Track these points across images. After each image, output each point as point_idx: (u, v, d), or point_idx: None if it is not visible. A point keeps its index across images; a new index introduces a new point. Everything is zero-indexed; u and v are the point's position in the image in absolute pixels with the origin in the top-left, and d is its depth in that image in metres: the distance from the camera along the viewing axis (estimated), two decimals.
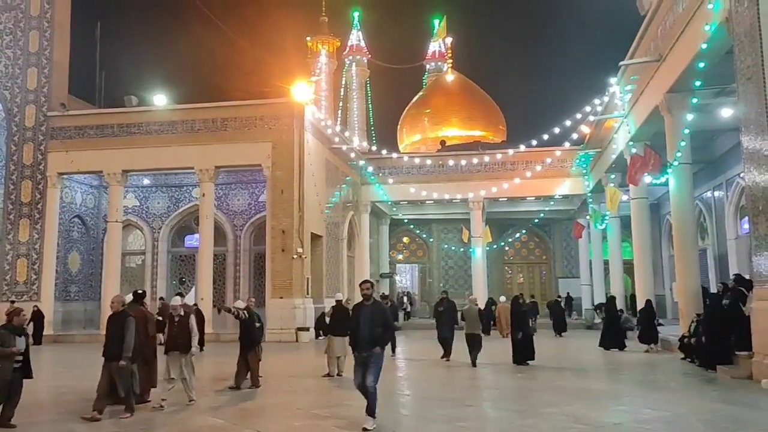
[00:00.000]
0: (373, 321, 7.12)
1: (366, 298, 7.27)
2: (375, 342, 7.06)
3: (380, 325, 7.12)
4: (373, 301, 7.32)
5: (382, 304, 7.53)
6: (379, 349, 7.07)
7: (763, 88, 9.48)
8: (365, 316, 7.16)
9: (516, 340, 13.22)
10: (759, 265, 10.12)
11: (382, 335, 7.12)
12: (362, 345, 7.07)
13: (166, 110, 23.54)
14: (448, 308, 14.71)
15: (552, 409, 8.00)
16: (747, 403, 8.32)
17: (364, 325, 7.09)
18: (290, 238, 21.17)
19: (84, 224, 26.13)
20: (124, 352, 7.99)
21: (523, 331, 13.19)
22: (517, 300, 14.18)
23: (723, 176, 21.14)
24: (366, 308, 7.22)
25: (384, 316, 7.26)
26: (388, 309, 7.34)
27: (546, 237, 35.06)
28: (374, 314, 7.19)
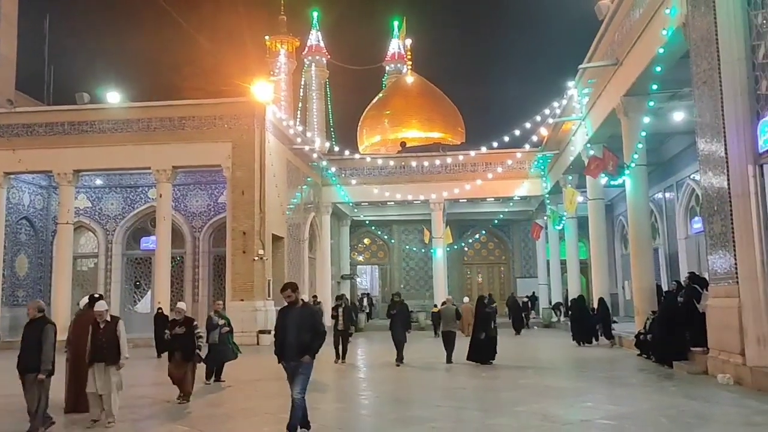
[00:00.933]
0: (301, 326, 6.42)
1: (293, 304, 6.56)
2: (303, 350, 6.35)
3: (308, 331, 6.42)
4: (302, 303, 6.70)
5: (312, 308, 6.88)
6: (308, 358, 6.37)
7: (719, 92, 9.81)
8: (292, 321, 6.45)
9: (478, 340, 13.30)
10: (713, 264, 10.48)
11: (311, 342, 6.40)
12: (289, 354, 6.38)
13: (121, 108, 22.77)
14: (401, 311, 14.36)
15: (520, 408, 8.06)
16: (706, 398, 8.59)
17: (291, 332, 6.42)
18: (251, 239, 20.79)
19: (32, 226, 25.02)
20: (43, 365, 7.13)
21: (486, 331, 13.28)
22: (482, 301, 14.25)
23: (674, 178, 21.89)
24: (292, 312, 6.52)
25: (313, 320, 6.59)
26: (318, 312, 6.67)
27: (505, 237, 35.59)
28: (302, 319, 6.47)
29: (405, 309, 14.82)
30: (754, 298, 9.23)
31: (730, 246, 9.72)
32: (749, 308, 9.30)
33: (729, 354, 9.84)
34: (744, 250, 9.41)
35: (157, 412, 8.89)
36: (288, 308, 6.58)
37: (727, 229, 9.82)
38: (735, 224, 9.60)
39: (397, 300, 14.72)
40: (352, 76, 62.31)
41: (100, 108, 22.88)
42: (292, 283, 6.74)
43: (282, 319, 6.58)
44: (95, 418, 7.70)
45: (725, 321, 9.94)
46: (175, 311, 10.04)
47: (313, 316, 6.65)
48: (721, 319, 10.17)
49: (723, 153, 9.84)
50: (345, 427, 7.41)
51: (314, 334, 6.46)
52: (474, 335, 13.59)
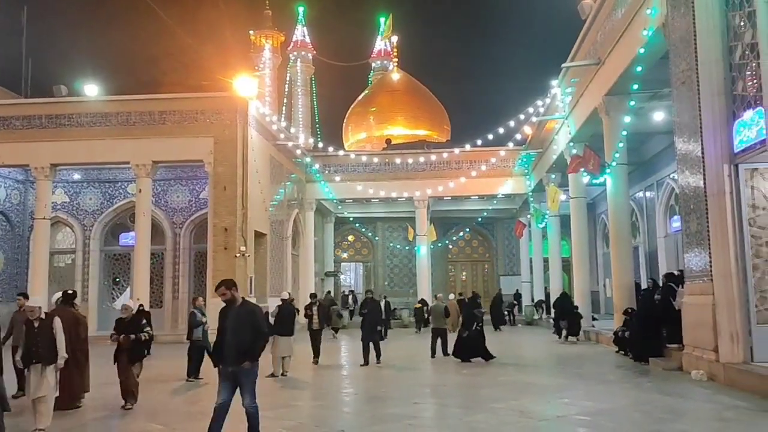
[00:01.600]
0: (240, 327, 5.90)
1: (230, 303, 6.06)
2: (244, 353, 5.82)
3: (249, 332, 5.90)
4: (242, 301, 6.14)
5: (252, 306, 6.28)
6: (249, 363, 5.84)
7: (697, 92, 9.91)
8: (231, 321, 5.97)
9: (462, 337, 13.39)
10: (689, 262, 10.60)
11: (252, 344, 5.88)
12: (228, 357, 5.88)
13: (100, 101, 22.43)
14: (372, 309, 13.45)
15: (498, 404, 8.09)
16: (680, 393, 8.69)
17: (229, 333, 5.93)
18: (233, 236, 20.62)
19: (8, 221, 24.58)
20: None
21: (468, 329, 13.32)
22: (473, 299, 14.14)
23: (654, 177, 22.12)
24: (231, 312, 6.02)
25: (253, 319, 6.02)
26: (260, 310, 6.22)
27: (489, 235, 35.75)
28: (240, 318, 5.95)
29: (377, 307, 14.00)
30: (728, 295, 9.35)
31: (706, 244, 9.84)
32: (723, 305, 9.43)
33: (703, 350, 9.97)
34: (719, 249, 9.53)
35: (132, 410, 8.78)
36: (226, 308, 6.10)
37: (703, 227, 9.94)
38: (710, 223, 9.72)
39: (369, 297, 14.09)
40: (338, 72, 62.17)
41: (78, 101, 22.53)
42: (227, 280, 6.20)
43: (221, 319, 6.09)
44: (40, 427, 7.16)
45: (700, 318, 10.07)
46: (122, 309, 9.38)
47: (252, 315, 6.08)
48: (695, 316, 10.30)
49: (700, 152, 9.95)
50: (322, 424, 7.38)
51: (255, 334, 5.94)
52: (459, 333, 13.67)
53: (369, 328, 13.15)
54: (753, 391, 8.31)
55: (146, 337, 9.09)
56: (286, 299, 12.58)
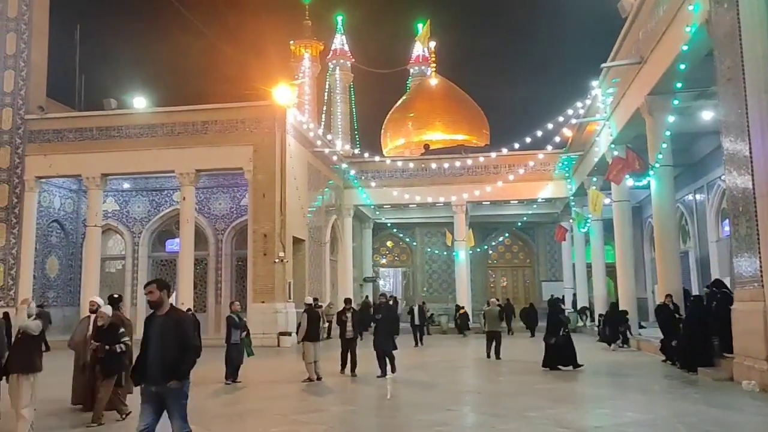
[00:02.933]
0: (164, 339, 4.99)
1: (154, 306, 5.17)
2: (169, 371, 4.91)
3: (174, 346, 4.97)
4: (170, 309, 5.18)
5: (179, 315, 5.24)
6: (176, 383, 4.93)
7: (743, 90, 9.50)
8: (155, 333, 5.06)
9: (549, 345, 12.68)
10: (739, 267, 10.13)
11: (178, 361, 4.96)
12: (151, 375, 4.97)
13: (146, 113, 23.20)
14: (387, 315, 12.47)
15: (534, 413, 7.89)
16: (728, 405, 8.28)
17: (154, 346, 5.02)
18: (272, 242, 20.92)
19: (63, 229, 25.63)
20: None
21: (555, 336, 12.60)
22: (555, 305, 13.57)
23: (704, 179, 21.31)
24: (156, 322, 5.11)
25: (180, 330, 5.04)
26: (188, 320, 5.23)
27: (530, 240, 35.14)
28: (165, 329, 5.01)
29: (393, 313, 13.10)
30: None
31: (756, 248, 9.39)
32: None
33: (754, 360, 9.49)
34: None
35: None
36: (152, 317, 5.19)
37: (752, 230, 9.49)
38: (760, 226, 9.27)
39: (383, 302, 13.08)
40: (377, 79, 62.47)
41: (126, 113, 23.37)
42: (159, 279, 5.35)
43: (145, 329, 5.19)
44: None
45: (750, 325, 9.59)
46: (98, 316, 8.49)
47: (179, 326, 5.08)
48: (746, 324, 9.82)
49: (747, 152, 9.52)
50: (351, 429, 7.35)
51: (181, 349, 5.00)
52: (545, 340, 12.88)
53: (383, 335, 12.03)
54: None
55: (122, 349, 8.08)
56: (310, 304, 12.36)
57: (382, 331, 12.07)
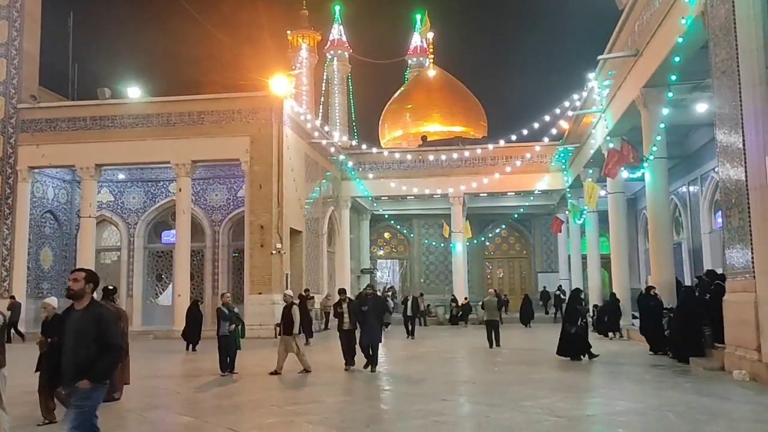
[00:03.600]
0: (81, 337, 4.42)
1: (73, 296, 4.57)
2: (83, 372, 4.35)
3: (91, 344, 4.40)
4: (90, 302, 4.58)
5: (99, 310, 4.59)
6: (86, 382, 4.34)
7: (737, 82, 9.54)
8: (71, 329, 4.50)
9: (568, 334, 12.67)
10: (731, 258, 10.22)
11: (95, 360, 4.38)
12: (65, 376, 4.44)
13: (141, 103, 23.13)
14: (374, 307, 11.74)
15: (528, 402, 7.98)
16: (719, 394, 8.39)
17: (69, 345, 4.46)
18: (269, 233, 20.96)
19: (56, 220, 25.58)
20: None
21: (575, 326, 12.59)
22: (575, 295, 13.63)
23: (698, 171, 21.41)
24: (73, 317, 4.54)
25: (99, 328, 4.44)
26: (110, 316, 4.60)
27: (526, 232, 35.26)
28: (82, 326, 4.46)
29: (381, 304, 12.44)
30: None
31: (747, 240, 9.47)
32: (766, 303, 9.06)
33: (745, 350, 9.60)
34: (761, 244, 9.15)
35: (167, 403, 9.05)
36: (70, 310, 4.61)
37: (745, 222, 9.56)
38: (752, 218, 9.34)
39: (368, 292, 12.34)
40: (374, 70, 62.25)
41: (121, 103, 23.28)
42: (88, 270, 4.78)
43: (59, 326, 4.70)
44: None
45: (741, 316, 9.69)
46: (42, 306, 8.09)
47: (99, 322, 4.47)
48: (737, 314, 9.92)
49: (741, 144, 9.57)
50: (347, 419, 7.42)
51: (100, 348, 4.42)
52: (563, 329, 12.89)
53: (369, 328, 11.45)
54: None
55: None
56: (290, 296, 12.06)
57: (369, 324, 11.47)
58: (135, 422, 7.71)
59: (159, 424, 7.75)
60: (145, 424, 7.64)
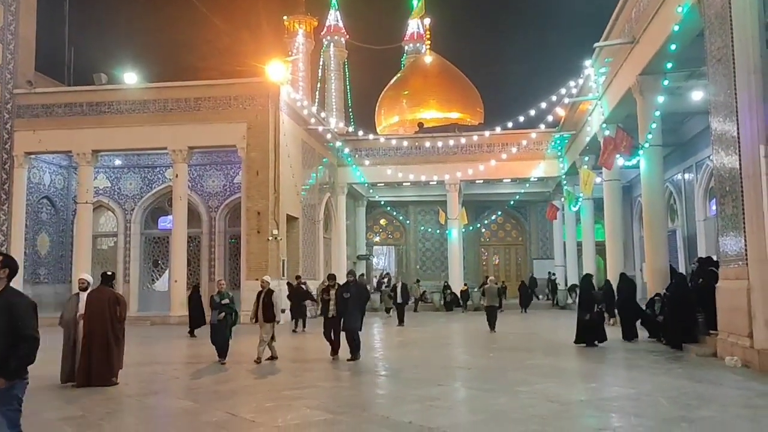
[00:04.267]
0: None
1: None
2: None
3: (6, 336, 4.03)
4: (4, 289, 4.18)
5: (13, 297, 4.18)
6: (2, 381, 4.00)
7: (732, 71, 9.58)
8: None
9: (584, 321, 12.62)
10: (725, 245, 10.33)
11: (8, 354, 4.02)
12: None
13: (138, 89, 23.01)
14: (357, 294, 11.24)
15: (523, 388, 8.10)
16: (711, 380, 8.53)
17: None
18: (265, 219, 20.99)
19: (53, 205, 25.55)
20: None
21: (590, 312, 12.56)
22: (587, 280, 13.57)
23: (693, 159, 21.49)
24: None
25: (12, 317, 4.07)
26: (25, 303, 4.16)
27: (522, 219, 35.37)
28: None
29: (363, 292, 11.87)
30: (764, 280, 9.11)
31: (741, 227, 9.57)
32: (758, 290, 9.18)
33: (737, 336, 9.74)
34: (754, 232, 9.26)
35: (165, 388, 9.14)
36: None
37: (738, 210, 9.66)
38: (746, 205, 9.44)
39: (350, 279, 11.65)
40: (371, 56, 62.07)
41: (117, 89, 23.16)
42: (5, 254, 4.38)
43: None
44: None
45: (734, 303, 9.82)
46: None
47: (12, 311, 4.08)
48: (730, 301, 10.05)
49: (735, 133, 9.64)
50: (343, 404, 7.53)
51: (14, 340, 4.03)
52: (578, 316, 12.82)
53: (349, 316, 11.01)
54: None
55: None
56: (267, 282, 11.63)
57: (351, 311, 11.02)
58: (134, 407, 7.80)
59: (158, 408, 7.84)
60: (144, 409, 7.73)
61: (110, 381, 8.85)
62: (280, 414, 6.95)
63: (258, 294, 11.45)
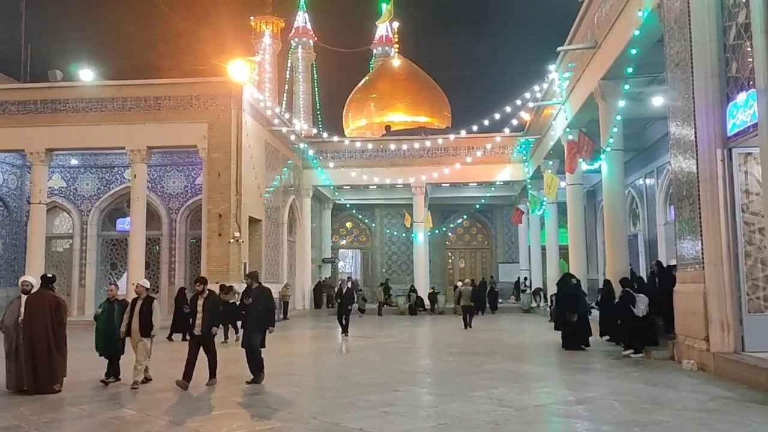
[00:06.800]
0: None
1: None
2: None
3: None
4: None
5: None
6: None
7: (691, 75, 9.63)
8: None
9: (571, 323, 12.20)
10: (682, 249, 10.38)
11: None
12: None
13: (95, 86, 22.30)
14: (261, 300, 9.11)
15: (478, 393, 7.93)
16: (666, 383, 8.51)
17: None
18: (227, 222, 20.51)
19: (6, 206, 24.58)
20: None
21: (578, 312, 12.18)
22: (569, 278, 13.18)
23: (654, 164, 21.80)
24: None
25: None
26: None
27: (488, 223, 35.50)
28: None
29: (267, 298, 9.22)
30: (719, 283, 9.14)
31: (697, 231, 9.62)
32: (714, 294, 9.22)
33: (694, 340, 9.78)
34: (710, 236, 9.30)
35: (111, 396, 8.68)
36: None
37: (695, 214, 9.71)
38: (702, 209, 9.48)
39: (251, 284, 9.58)
40: (339, 58, 61.73)
41: (73, 86, 22.42)
42: None
43: None
44: None
45: (691, 306, 9.86)
46: None
47: None
48: (687, 305, 10.09)
49: (693, 137, 9.69)
50: (294, 411, 7.24)
51: None
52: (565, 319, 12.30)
53: (253, 327, 9.02)
54: (742, 381, 8.13)
55: None
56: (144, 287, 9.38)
57: (253, 322, 9.04)
58: (72, 416, 7.38)
59: (98, 417, 7.41)
60: (84, 418, 7.30)
61: (52, 389, 8.42)
62: (225, 423, 6.63)
63: (132, 302, 9.23)
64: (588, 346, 12.44)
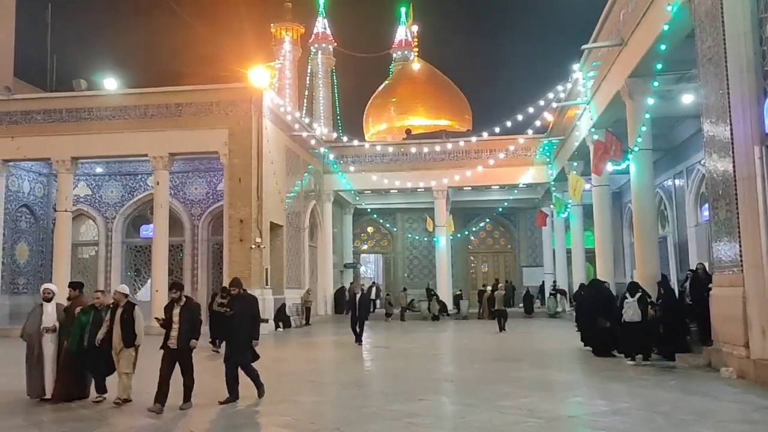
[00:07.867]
0: None
1: None
2: None
3: None
4: None
5: None
6: None
7: (725, 70, 9.24)
8: None
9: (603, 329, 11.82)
10: (718, 251, 9.96)
11: None
12: None
13: (118, 95, 22.50)
14: (245, 309, 8.23)
15: (506, 402, 7.64)
16: (705, 392, 8.11)
17: None
18: (248, 227, 20.46)
19: (32, 214, 24.92)
20: None
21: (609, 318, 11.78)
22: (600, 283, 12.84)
23: (683, 164, 21.23)
24: None
25: None
26: None
27: (511, 226, 35.02)
28: None
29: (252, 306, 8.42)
30: (759, 287, 8.72)
31: (735, 232, 9.20)
32: (754, 298, 8.80)
33: (732, 346, 9.35)
34: (749, 237, 8.88)
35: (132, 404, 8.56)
36: None
37: (732, 214, 9.29)
38: (740, 209, 9.07)
39: (235, 292, 8.64)
40: (359, 63, 61.78)
41: (97, 95, 22.64)
42: None
43: None
44: None
45: (729, 311, 9.43)
46: None
47: None
48: (725, 310, 9.66)
49: (728, 134, 9.29)
50: (317, 421, 7.04)
51: None
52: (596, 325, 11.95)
53: (237, 341, 8.06)
54: None
55: None
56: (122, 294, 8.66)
57: (236, 335, 8.11)
58: (94, 425, 7.27)
59: (118, 426, 7.30)
60: (105, 426, 7.19)
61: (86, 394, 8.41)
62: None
63: (112, 309, 8.41)
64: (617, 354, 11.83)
